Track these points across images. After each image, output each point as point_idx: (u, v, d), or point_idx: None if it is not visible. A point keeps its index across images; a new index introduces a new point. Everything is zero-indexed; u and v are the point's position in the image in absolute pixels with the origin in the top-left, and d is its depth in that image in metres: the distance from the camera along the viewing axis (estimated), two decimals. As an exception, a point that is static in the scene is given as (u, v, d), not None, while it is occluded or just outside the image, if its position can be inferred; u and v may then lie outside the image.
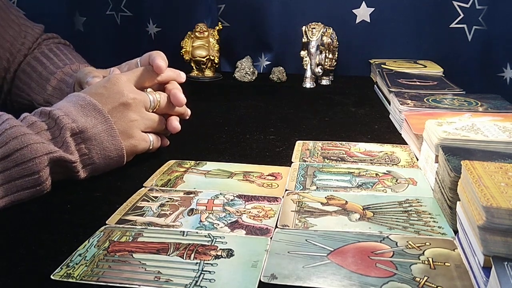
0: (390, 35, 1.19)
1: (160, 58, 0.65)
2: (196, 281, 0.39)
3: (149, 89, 0.65)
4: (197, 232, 0.47)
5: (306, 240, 0.46)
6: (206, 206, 0.52)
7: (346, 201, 0.53)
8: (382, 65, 1.11)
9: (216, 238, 0.46)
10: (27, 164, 0.51)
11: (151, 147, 0.64)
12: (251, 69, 1.15)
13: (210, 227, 0.48)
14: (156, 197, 0.54)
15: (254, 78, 1.16)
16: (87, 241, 0.45)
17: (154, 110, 0.64)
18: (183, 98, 0.66)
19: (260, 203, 0.53)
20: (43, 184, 0.53)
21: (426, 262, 0.42)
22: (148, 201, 0.53)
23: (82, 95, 0.59)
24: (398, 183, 0.58)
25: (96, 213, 0.51)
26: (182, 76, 0.68)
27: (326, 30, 1.07)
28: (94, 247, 0.44)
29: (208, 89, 1.10)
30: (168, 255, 0.43)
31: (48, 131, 0.55)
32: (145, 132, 0.63)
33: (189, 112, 0.69)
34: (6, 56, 0.80)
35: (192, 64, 1.16)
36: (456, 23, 1.16)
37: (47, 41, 0.86)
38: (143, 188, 0.57)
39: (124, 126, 0.60)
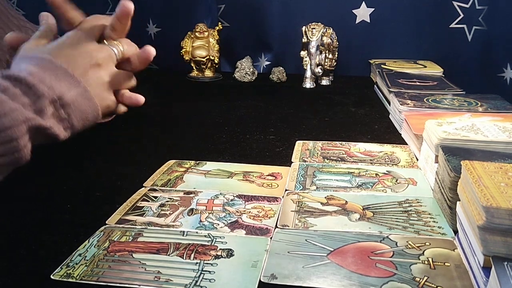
0: (390, 35, 1.19)
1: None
2: (196, 281, 0.39)
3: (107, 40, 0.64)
4: (197, 232, 0.47)
5: (306, 240, 0.46)
6: (206, 206, 0.52)
7: (346, 201, 0.53)
8: (382, 65, 1.11)
9: (216, 238, 0.46)
10: (6, 132, 0.49)
11: (118, 110, 0.63)
12: (251, 69, 1.15)
13: (210, 227, 0.48)
14: (156, 197, 0.54)
15: (254, 78, 1.16)
16: (87, 241, 0.45)
17: (119, 60, 0.63)
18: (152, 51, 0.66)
19: (260, 203, 0.53)
20: (20, 152, 0.51)
21: (426, 262, 0.42)
22: (148, 201, 0.53)
23: (48, 57, 0.57)
24: (398, 183, 0.58)
25: (96, 213, 0.51)
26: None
27: (326, 30, 1.07)
28: (94, 247, 0.44)
29: (208, 89, 1.10)
30: (168, 255, 0.43)
31: (24, 96, 0.53)
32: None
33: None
34: (6, 58, 0.80)
35: (192, 64, 1.16)
36: (456, 23, 1.16)
37: None
38: (143, 188, 0.57)
39: (97, 88, 0.59)
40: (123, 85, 0.63)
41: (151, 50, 0.65)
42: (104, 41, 0.62)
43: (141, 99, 0.64)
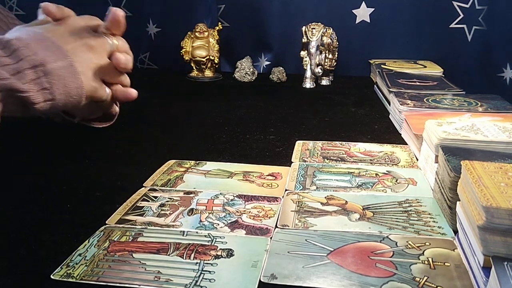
0: (390, 35, 1.19)
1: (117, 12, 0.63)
2: (196, 281, 0.39)
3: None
4: (197, 232, 0.47)
5: (306, 240, 0.46)
6: (206, 206, 0.52)
7: (346, 201, 0.53)
8: (382, 65, 1.11)
9: (216, 238, 0.46)
10: None
11: (107, 99, 0.63)
12: (251, 69, 1.15)
13: (210, 227, 0.48)
14: (156, 197, 0.54)
15: (254, 78, 1.16)
16: (87, 241, 0.45)
17: (112, 52, 0.63)
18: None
19: (260, 203, 0.53)
20: None
21: (426, 262, 0.42)
22: (148, 201, 0.53)
23: (40, 31, 0.57)
24: (398, 183, 0.58)
25: (96, 213, 0.51)
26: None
27: (326, 30, 1.07)
28: (94, 247, 0.44)
29: (208, 89, 1.10)
30: (168, 255, 0.43)
31: (4, 57, 0.52)
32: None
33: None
34: None
35: (192, 64, 1.16)
36: (456, 23, 1.16)
37: None
38: (143, 188, 0.57)
39: (85, 67, 0.58)
40: (114, 77, 0.63)
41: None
42: (100, 30, 0.63)
43: (133, 92, 0.64)
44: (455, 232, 0.46)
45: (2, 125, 0.53)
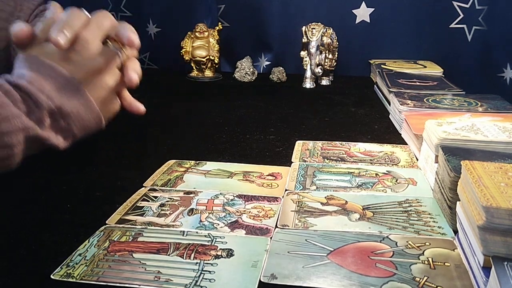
0: (390, 35, 1.19)
1: (130, 31, 0.61)
2: (196, 281, 0.39)
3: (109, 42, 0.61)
4: (197, 232, 0.47)
5: (306, 240, 0.46)
6: (206, 206, 0.52)
7: (346, 201, 0.53)
8: (382, 65, 1.11)
9: (216, 238, 0.46)
10: (3, 137, 0.49)
11: (118, 109, 0.62)
12: (251, 69, 1.15)
13: (210, 227, 0.48)
14: (156, 197, 0.54)
15: (254, 78, 1.16)
16: (87, 241, 0.45)
17: (122, 63, 0.61)
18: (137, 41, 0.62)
19: (260, 203, 0.53)
20: (11, 159, 0.51)
21: (426, 262, 0.42)
22: (148, 201, 0.53)
23: (48, 63, 0.55)
24: (398, 183, 0.58)
25: (96, 213, 0.51)
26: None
27: (326, 31, 1.07)
28: (94, 247, 0.44)
29: (208, 89, 1.10)
30: (168, 255, 0.43)
31: (23, 103, 0.52)
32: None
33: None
34: (4, 34, 0.77)
35: (192, 64, 1.16)
36: (456, 23, 1.16)
37: (43, 13, 0.80)
38: (143, 188, 0.57)
39: (100, 93, 0.57)
40: (125, 86, 0.63)
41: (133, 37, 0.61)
42: (108, 41, 0.60)
43: (142, 108, 0.63)
44: (455, 232, 0.46)
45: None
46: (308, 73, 1.09)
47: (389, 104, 0.89)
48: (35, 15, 0.79)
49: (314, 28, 1.06)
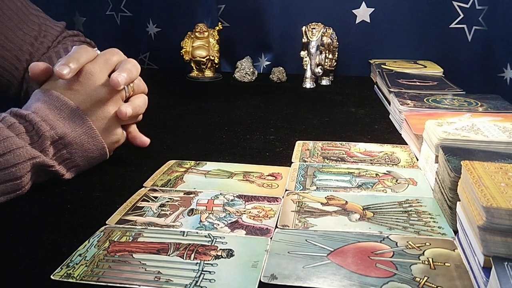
0: (390, 35, 1.19)
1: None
2: (196, 281, 0.39)
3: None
4: (197, 232, 0.47)
5: (306, 240, 0.46)
6: (206, 206, 0.52)
7: (346, 201, 0.53)
8: (382, 65, 1.11)
9: (216, 238, 0.46)
10: (10, 169, 0.51)
11: (123, 140, 0.64)
12: (251, 69, 1.15)
13: (210, 227, 0.48)
14: (156, 197, 0.54)
15: (254, 78, 1.16)
16: (87, 241, 0.45)
17: (128, 96, 0.63)
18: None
19: (260, 203, 0.53)
20: (22, 189, 0.53)
21: (426, 262, 0.42)
22: (148, 201, 0.53)
23: (55, 94, 0.57)
24: (398, 183, 0.58)
25: (96, 213, 0.51)
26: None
27: (326, 30, 1.07)
28: (94, 247, 0.44)
29: (208, 89, 1.10)
30: (168, 255, 0.43)
31: (27, 134, 0.54)
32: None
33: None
34: (25, 58, 0.80)
35: (192, 64, 1.16)
36: (456, 23, 1.16)
37: (66, 40, 0.85)
38: (143, 188, 0.57)
39: (103, 124, 0.59)
40: (131, 120, 0.64)
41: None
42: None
43: (146, 141, 0.65)
44: (455, 232, 0.46)
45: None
46: (308, 73, 1.09)
47: (389, 104, 0.89)
48: (58, 41, 0.83)
49: (314, 28, 1.06)
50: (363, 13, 1.19)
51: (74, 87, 0.58)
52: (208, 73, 1.17)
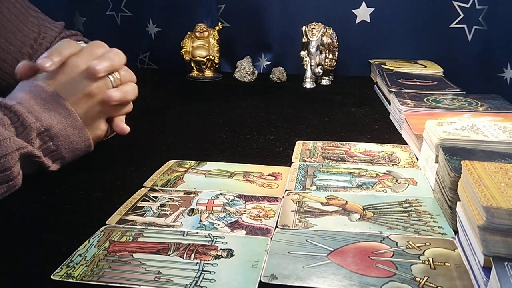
0: (390, 35, 1.19)
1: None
2: (196, 281, 0.39)
3: None
4: (197, 232, 0.47)
5: (306, 240, 0.46)
6: (206, 206, 0.52)
7: (346, 201, 0.53)
8: (382, 65, 1.11)
9: (216, 238, 0.46)
10: (0, 161, 0.50)
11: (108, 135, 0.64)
12: (251, 69, 1.15)
13: (210, 227, 0.48)
14: (156, 197, 0.54)
15: (254, 78, 1.16)
16: (87, 241, 0.45)
17: (115, 87, 0.62)
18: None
19: (260, 203, 0.53)
20: (15, 180, 0.53)
21: (426, 262, 0.42)
22: (148, 201, 0.53)
23: (42, 85, 0.57)
24: (398, 183, 0.58)
25: (96, 213, 0.51)
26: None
27: (326, 30, 1.07)
28: (94, 247, 0.44)
29: (208, 89, 1.10)
30: (168, 255, 0.43)
31: (12, 126, 0.53)
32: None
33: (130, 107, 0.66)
34: (25, 59, 0.80)
35: (192, 64, 1.16)
36: (456, 23, 1.16)
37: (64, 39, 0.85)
38: (143, 188, 0.57)
39: (89, 117, 0.59)
40: (117, 112, 0.64)
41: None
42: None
43: (126, 129, 0.64)
44: (456, 232, 0.46)
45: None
46: (308, 73, 1.09)
47: (389, 104, 0.89)
48: (56, 42, 0.82)
49: (314, 28, 1.06)
50: (363, 13, 1.19)
51: (59, 79, 0.58)
52: (208, 73, 1.17)
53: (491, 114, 0.73)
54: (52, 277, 0.40)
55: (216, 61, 1.15)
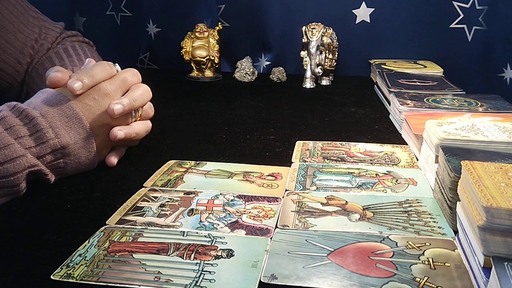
0: (390, 35, 1.19)
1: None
2: (196, 281, 0.39)
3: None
4: (197, 232, 0.47)
5: (306, 240, 0.46)
6: (206, 206, 0.52)
7: (346, 201, 0.53)
8: (382, 65, 1.11)
9: (216, 238, 0.46)
10: (9, 178, 0.51)
11: None
12: (251, 69, 1.15)
13: (210, 227, 0.48)
14: (156, 197, 0.54)
15: (254, 78, 1.16)
16: (87, 241, 0.45)
17: (134, 121, 0.63)
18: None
19: (260, 203, 0.53)
20: (18, 193, 0.53)
21: (426, 262, 0.42)
22: (148, 201, 0.53)
23: (70, 101, 0.57)
24: (398, 183, 0.58)
25: (96, 213, 0.51)
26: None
27: (326, 31, 1.07)
28: (94, 247, 0.44)
29: (208, 89, 1.10)
30: (168, 255, 0.43)
31: (30, 137, 0.53)
32: None
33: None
34: (27, 60, 0.80)
35: (192, 64, 1.16)
36: (456, 23, 1.16)
37: (65, 40, 0.85)
38: (143, 188, 0.57)
39: (103, 144, 0.60)
40: (124, 144, 0.65)
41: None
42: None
43: (112, 162, 0.62)
44: (455, 232, 0.46)
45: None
46: (308, 73, 1.09)
47: (389, 104, 0.89)
48: (57, 42, 0.84)
49: (314, 28, 1.06)
50: (363, 13, 1.19)
51: (87, 102, 0.58)
52: (208, 73, 1.17)
53: (491, 114, 0.73)
54: (52, 277, 0.40)
55: (216, 61, 1.15)
